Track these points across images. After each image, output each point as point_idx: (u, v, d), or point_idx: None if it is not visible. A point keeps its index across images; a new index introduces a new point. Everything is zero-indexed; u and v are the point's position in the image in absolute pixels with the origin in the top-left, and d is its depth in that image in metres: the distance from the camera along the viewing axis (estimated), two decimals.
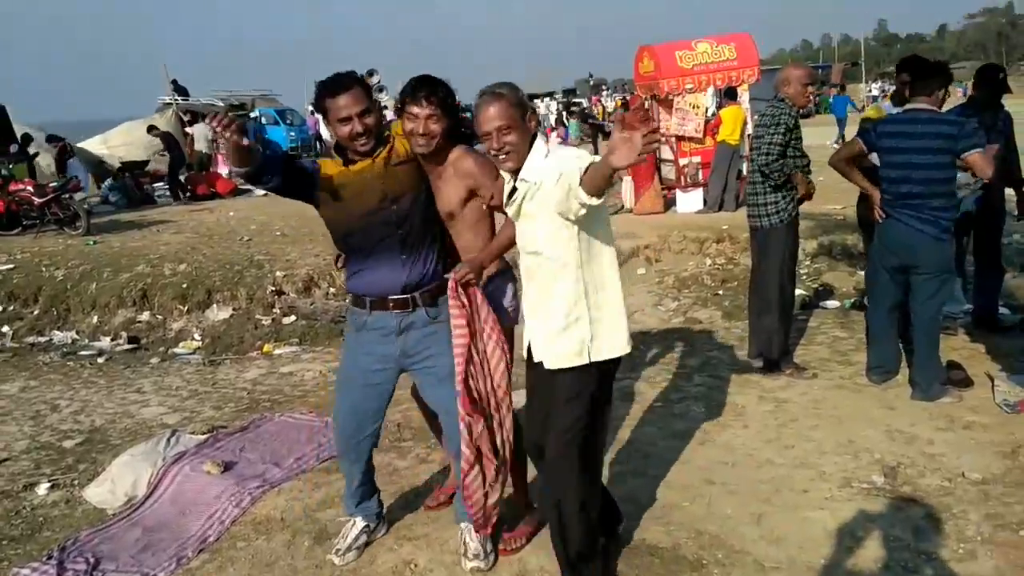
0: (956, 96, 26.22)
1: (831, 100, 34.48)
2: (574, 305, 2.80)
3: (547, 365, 2.87)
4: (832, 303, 7.31)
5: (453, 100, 3.12)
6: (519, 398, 3.35)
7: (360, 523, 3.47)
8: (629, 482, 3.94)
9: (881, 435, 4.31)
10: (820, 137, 20.23)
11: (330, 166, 3.11)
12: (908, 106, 4.70)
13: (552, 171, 2.67)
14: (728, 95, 12.33)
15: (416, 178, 3.17)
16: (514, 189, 2.84)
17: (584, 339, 2.81)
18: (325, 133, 26.28)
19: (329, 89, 2.99)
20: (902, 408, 4.65)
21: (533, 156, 2.78)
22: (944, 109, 4.88)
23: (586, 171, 2.47)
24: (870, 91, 40.75)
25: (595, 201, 2.46)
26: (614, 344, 2.88)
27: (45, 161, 17.29)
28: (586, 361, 2.82)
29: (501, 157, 2.78)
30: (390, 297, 3.15)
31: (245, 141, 2.77)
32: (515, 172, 2.82)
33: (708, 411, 4.80)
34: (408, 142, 3.13)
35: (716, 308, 7.91)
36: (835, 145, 18.53)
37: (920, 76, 4.70)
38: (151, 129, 18.16)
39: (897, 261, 4.75)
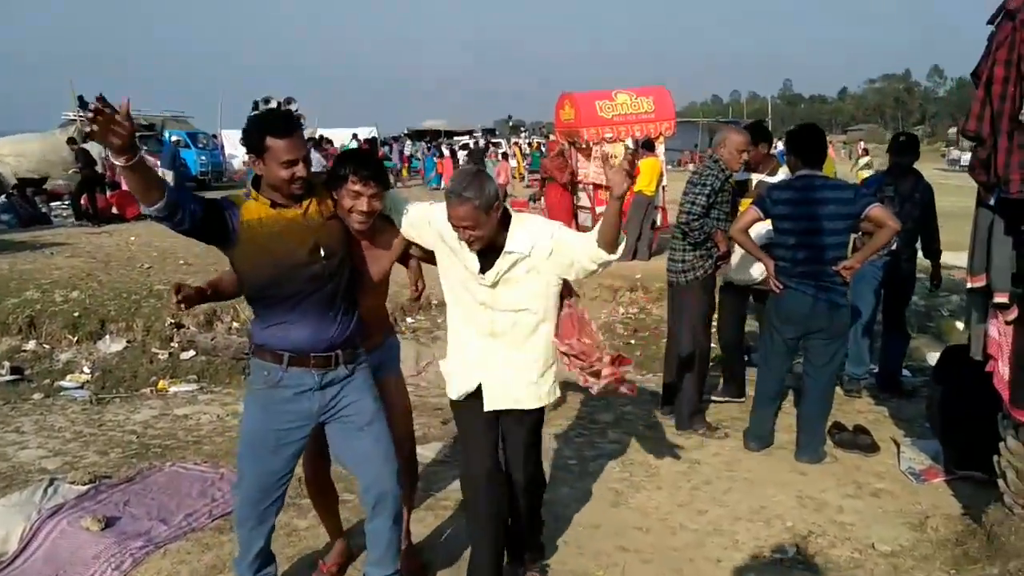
0: (859, 154, 27.29)
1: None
2: (548, 355, 3.15)
3: (527, 406, 3.14)
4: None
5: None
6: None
7: None
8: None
9: (792, 501, 4.30)
10: None
11: (255, 208, 2.84)
12: (800, 172, 4.64)
13: (541, 240, 2.97)
14: (646, 147, 12.52)
15: (347, 234, 3.02)
16: (487, 261, 3.00)
17: (552, 383, 3.19)
18: (236, 163, 25.56)
19: (276, 129, 2.76)
20: (812, 473, 4.66)
21: (514, 229, 2.99)
22: (863, 177, 4.96)
23: (598, 231, 2.85)
24: (776, 148, 42.03)
25: (615, 256, 2.88)
26: None
27: None
28: (548, 402, 3.21)
29: (469, 244, 2.97)
30: (312, 354, 2.93)
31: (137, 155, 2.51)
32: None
33: (622, 470, 4.72)
34: (345, 217, 2.98)
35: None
36: None
37: (808, 145, 4.66)
38: (71, 142, 17.27)
39: (795, 331, 4.72)
